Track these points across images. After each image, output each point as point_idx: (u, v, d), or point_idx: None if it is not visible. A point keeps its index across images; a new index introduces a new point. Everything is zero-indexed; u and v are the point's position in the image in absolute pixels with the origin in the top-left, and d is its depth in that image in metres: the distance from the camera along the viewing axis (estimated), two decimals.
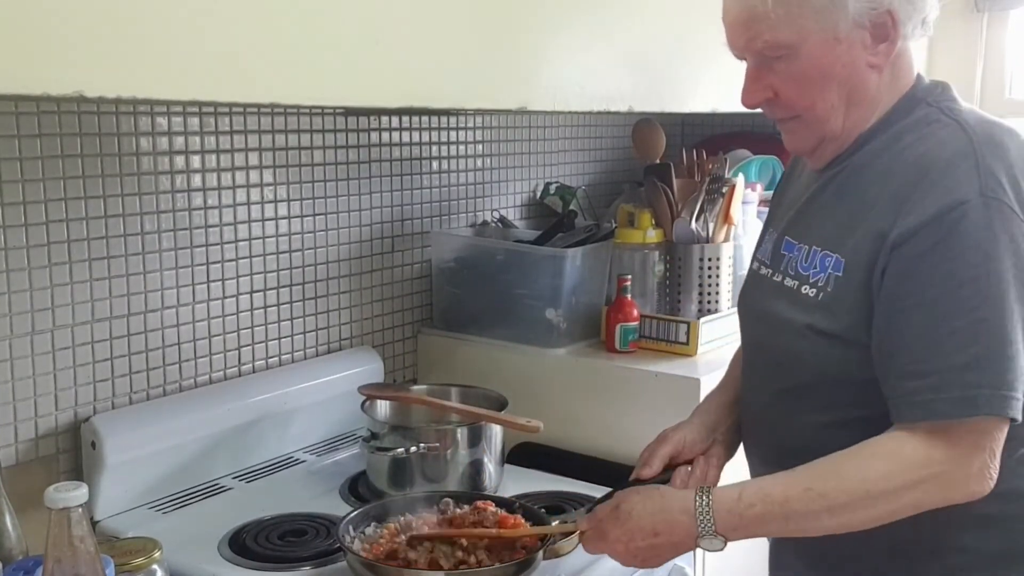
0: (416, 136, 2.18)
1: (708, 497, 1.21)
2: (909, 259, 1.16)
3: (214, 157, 1.78)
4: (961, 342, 1.13)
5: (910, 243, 1.16)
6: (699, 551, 1.79)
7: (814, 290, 1.26)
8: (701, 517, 1.20)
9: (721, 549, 1.22)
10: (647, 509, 1.25)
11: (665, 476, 1.39)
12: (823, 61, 1.23)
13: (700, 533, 1.21)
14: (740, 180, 2.26)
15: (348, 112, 2.00)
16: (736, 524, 1.20)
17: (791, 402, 1.31)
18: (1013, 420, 1.14)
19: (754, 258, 1.45)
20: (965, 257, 1.14)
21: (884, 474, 1.16)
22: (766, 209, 2.43)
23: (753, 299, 1.43)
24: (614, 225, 2.25)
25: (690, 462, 1.41)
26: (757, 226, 2.40)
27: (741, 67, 1.34)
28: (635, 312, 2.10)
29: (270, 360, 1.94)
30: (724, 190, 2.20)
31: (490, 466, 1.72)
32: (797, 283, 1.29)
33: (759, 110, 1.33)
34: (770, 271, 1.37)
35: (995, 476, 1.16)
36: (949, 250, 1.14)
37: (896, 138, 1.26)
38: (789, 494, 1.19)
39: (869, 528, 1.19)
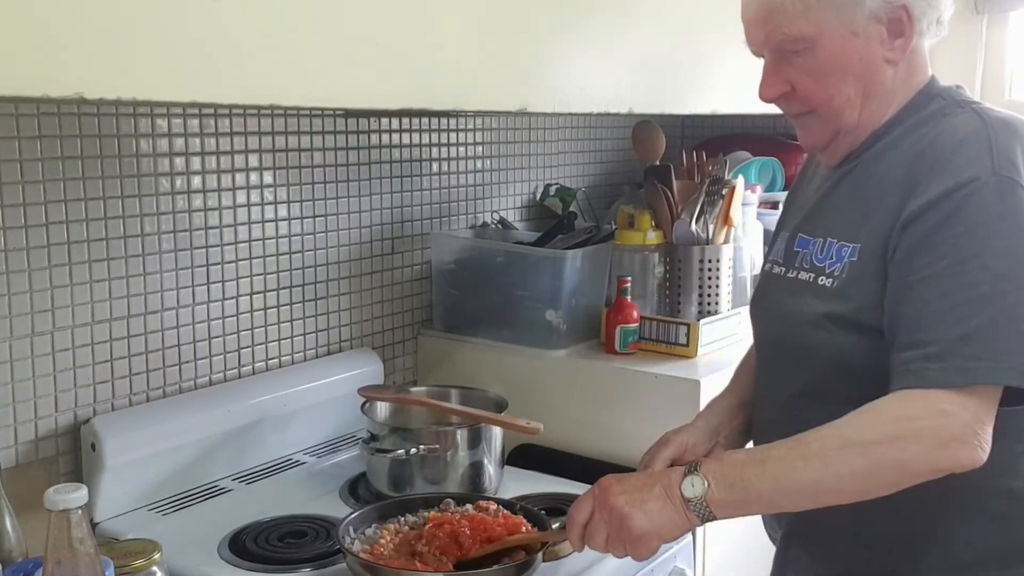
0: (416, 138, 2.18)
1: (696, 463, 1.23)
2: (918, 236, 1.17)
3: (214, 159, 1.78)
4: (963, 315, 1.13)
5: (920, 220, 1.17)
6: (699, 551, 1.80)
7: (830, 280, 1.27)
8: (687, 465, 1.21)
9: (702, 494, 1.18)
10: (632, 475, 1.28)
11: None
12: (841, 55, 1.25)
13: (685, 471, 1.20)
14: (740, 182, 2.26)
15: (348, 114, 2.00)
16: (718, 468, 1.19)
17: (808, 400, 1.31)
18: (1013, 402, 1.13)
19: (766, 260, 1.46)
20: (972, 233, 1.14)
21: (860, 425, 1.15)
22: (766, 211, 2.46)
23: (768, 299, 1.43)
24: (614, 227, 2.25)
25: None
26: (757, 228, 2.40)
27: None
28: (635, 314, 2.10)
29: (270, 362, 1.94)
30: (724, 192, 2.20)
31: (490, 468, 1.72)
32: (813, 275, 1.30)
33: (767, 109, 1.35)
34: (783, 269, 1.38)
35: (987, 447, 1.13)
36: (956, 226, 1.15)
37: (911, 131, 1.27)
38: (772, 445, 1.20)
39: (858, 498, 1.16)
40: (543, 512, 1.50)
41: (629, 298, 2.10)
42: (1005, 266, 1.13)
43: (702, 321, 2.08)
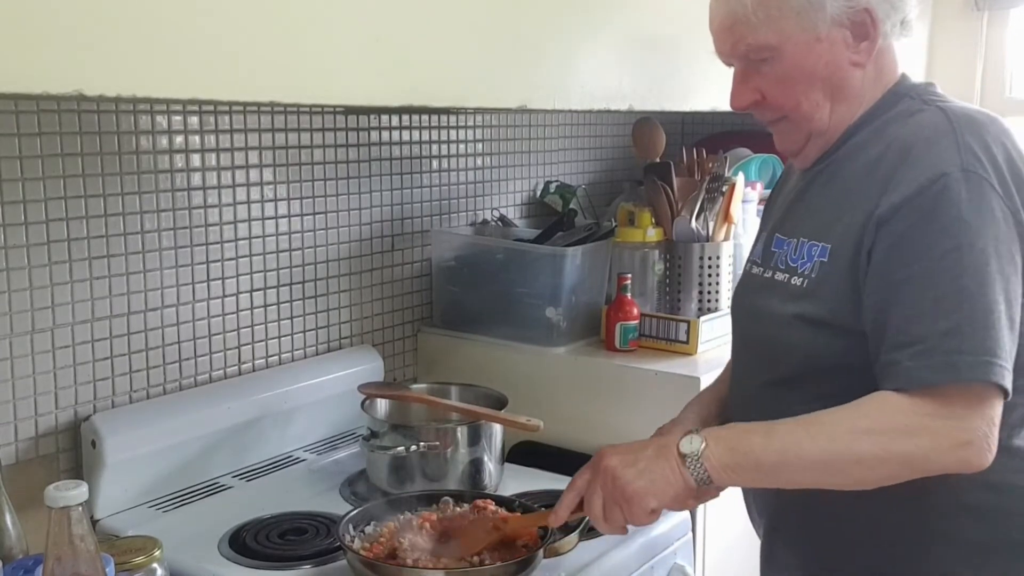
0: (416, 135, 2.18)
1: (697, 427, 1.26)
2: (894, 235, 1.18)
3: (214, 156, 1.78)
4: (943, 310, 1.14)
5: (895, 219, 1.18)
6: (699, 547, 1.80)
7: (801, 279, 1.29)
8: (688, 430, 1.23)
9: (699, 450, 1.19)
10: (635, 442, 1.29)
11: None
12: (806, 61, 1.27)
13: (685, 431, 1.22)
14: (740, 179, 2.26)
15: (348, 111, 2.00)
16: (720, 431, 1.22)
17: (778, 393, 1.32)
18: (1006, 392, 1.13)
19: (748, 260, 1.48)
20: (947, 229, 1.15)
21: (874, 414, 1.15)
22: None
23: (744, 297, 1.45)
24: (614, 224, 2.25)
25: None
26: (757, 224, 2.40)
27: None
28: (635, 311, 2.10)
29: (270, 359, 1.94)
30: (724, 189, 2.20)
31: (490, 465, 1.72)
32: (787, 276, 1.32)
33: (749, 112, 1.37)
34: (761, 269, 1.40)
35: (994, 449, 1.13)
36: (932, 223, 1.16)
37: (880, 131, 1.29)
38: (777, 420, 1.21)
39: (854, 485, 1.18)
40: (542, 509, 1.50)
41: (629, 295, 2.10)
42: (981, 260, 1.14)
43: (702, 318, 2.08)
